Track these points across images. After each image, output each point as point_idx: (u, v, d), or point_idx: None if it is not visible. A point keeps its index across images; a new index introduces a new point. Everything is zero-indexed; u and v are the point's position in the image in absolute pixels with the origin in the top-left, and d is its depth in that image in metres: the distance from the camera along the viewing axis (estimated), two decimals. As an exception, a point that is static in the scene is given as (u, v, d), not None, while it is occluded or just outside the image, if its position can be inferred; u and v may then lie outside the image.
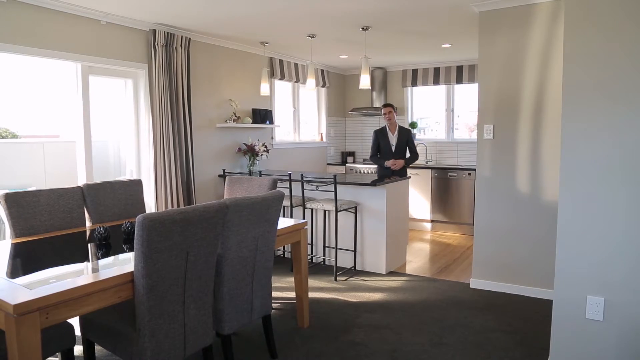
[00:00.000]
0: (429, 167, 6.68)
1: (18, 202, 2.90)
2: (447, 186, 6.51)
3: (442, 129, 7.37)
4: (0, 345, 2.01)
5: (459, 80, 6.91)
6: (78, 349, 2.82)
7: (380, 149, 5.45)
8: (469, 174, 6.31)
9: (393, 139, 5.40)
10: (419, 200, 6.71)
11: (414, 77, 7.30)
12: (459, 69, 6.89)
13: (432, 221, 6.67)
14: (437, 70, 7.09)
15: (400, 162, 5.30)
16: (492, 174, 4.08)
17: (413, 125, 7.41)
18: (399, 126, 5.47)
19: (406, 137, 5.41)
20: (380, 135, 5.47)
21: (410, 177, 5.31)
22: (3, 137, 6.30)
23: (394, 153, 5.36)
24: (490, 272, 4.14)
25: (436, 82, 7.10)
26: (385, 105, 5.51)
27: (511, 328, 3.34)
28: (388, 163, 5.30)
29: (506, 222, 4.04)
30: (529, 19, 3.81)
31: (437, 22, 4.64)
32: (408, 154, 5.47)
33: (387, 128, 5.45)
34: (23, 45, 3.72)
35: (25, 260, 2.53)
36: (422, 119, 7.69)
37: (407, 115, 7.51)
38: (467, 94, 7.09)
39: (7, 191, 2.95)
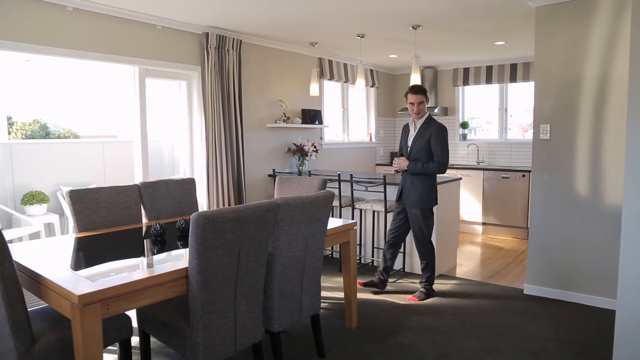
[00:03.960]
0: (480, 169, 6.50)
1: (81, 199, 3.06)
2: (499, 188, 6.32)
3: (493, 129, 7.17)
4: (67, 332, 2.12)
5: (513, 79, 6.69)
6: (135, 340, 2.94)
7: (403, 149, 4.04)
8: (523, 175, 6.10)
9: (411, 137, 3.93)
10: (470, 202, 6.55)
11: (466, 76, 7.13)
12: (513, 67, 6.67)
13: (483, 224, 6.49)
14: (489, 69, 6.89)
15: (402, 163, 3.85)
16: (548, 175, 3.93)
17: (464, 125, 7.25)
18: (426, 119, 3.85)
19: (429, 135, 3.77)
20: (404, 132, 4.06)
21: (461, 178, 5.18)
22: (66, 137, 6.65)
23: (409, 158, 3.88)
24: (545, 278, 3.98)
25: (489, 81, 6.91)
26: (415, 91, 3.82)
27: (569, 338, 3.20)
28: (394, 163, 3.98)
29: (564, 226, 3.87)
30: (590, 13, 3.63)
31: (490, 19, 4.51)
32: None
33: (411, 122, 4.00)
34: (87, 50, 3.91)
35: (87, 253, 2.66)
36: (473, 119, 7.50)
37: (458, 115, 7.34)
38: (521, 93, 6.86)
39: (71, 188, 3.10)
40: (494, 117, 7.13)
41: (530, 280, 4.07)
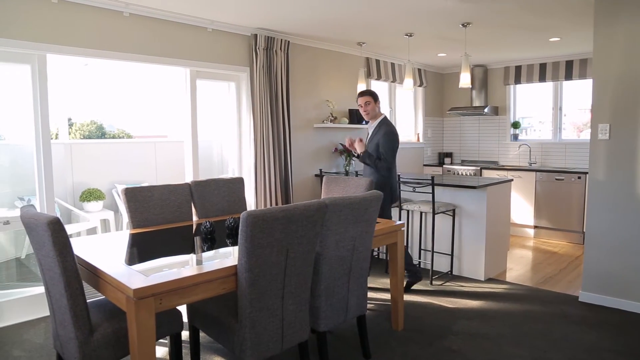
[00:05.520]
0: (532, 170, 6.28)
1: (136, 197, 3.17)
2: (553, 190, 6.08)
3: (546, 128, 6.90)
4: (122, 324, 2.21)
5: (568, 77, 6.42)
6: (185, 334, 3.02)
7: None
8: (579, 177, 5.84)
9: (366, 139, 4.12)
10: (521, 204, 6.33)
11: (517, 74, 6.91)
12: (569, 64, 6.40)
13: (535, 227, 6.27)
14: (543, 66, 6.64)
15: (358, 144, 3.96)
16: (607, 178, 3.74)
17: (516, 125, 7.01)
18: (380, 122, 4.03)
19: (379, 137, 3.97)
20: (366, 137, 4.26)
21: (512, 179, 5.01)
22: (120, 137, 6.93)
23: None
24: (603, 286, 3.80)
25: (542, 79, 6.66)
26: (361, 94, 4.05)
27: (629, 350, 3.03)
28: (347, 141, 4.08)
29: (624, 232, 3.67)
30: (656, 6, 3.43)
31: (545, 14, 4.35)
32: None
33: (369, 126, 4.16)
34: (142, 54, 4.05)
35: (141, 249, 2.75)
36: (525, 119, 7.25)
37: (510, 115, 7.12)
38: (576, 91, 6.57)
39: (126, 186, 3.23)
40: (547, 116, 6.87)
41: (586, 287, 3.89)
